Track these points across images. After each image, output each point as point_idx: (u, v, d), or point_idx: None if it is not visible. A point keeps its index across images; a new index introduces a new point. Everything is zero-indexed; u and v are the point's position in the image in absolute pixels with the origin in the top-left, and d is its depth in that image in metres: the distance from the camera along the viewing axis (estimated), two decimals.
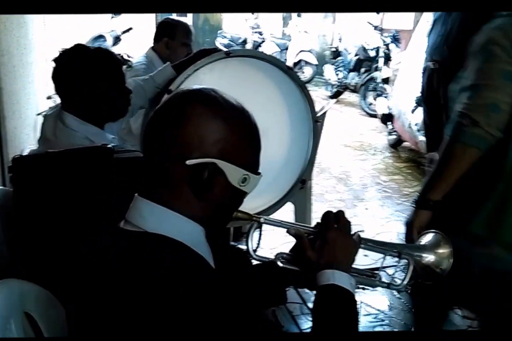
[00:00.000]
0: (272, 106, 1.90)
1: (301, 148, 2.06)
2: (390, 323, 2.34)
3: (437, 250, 1.03)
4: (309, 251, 0.91)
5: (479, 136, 1.29)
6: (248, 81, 1.79)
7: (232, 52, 1.65)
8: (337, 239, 0.91)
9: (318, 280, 0.88)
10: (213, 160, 0.75)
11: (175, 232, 0.75)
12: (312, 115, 1.92)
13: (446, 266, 1.02)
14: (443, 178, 1.38)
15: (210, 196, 0.77)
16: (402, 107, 4.52)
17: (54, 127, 1.45)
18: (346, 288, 0.87)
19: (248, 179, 0.79)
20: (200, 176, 0.75)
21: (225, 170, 0.76)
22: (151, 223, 0.76)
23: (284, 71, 1.78)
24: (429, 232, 1.08)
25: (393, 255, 1.00)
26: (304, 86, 1.83)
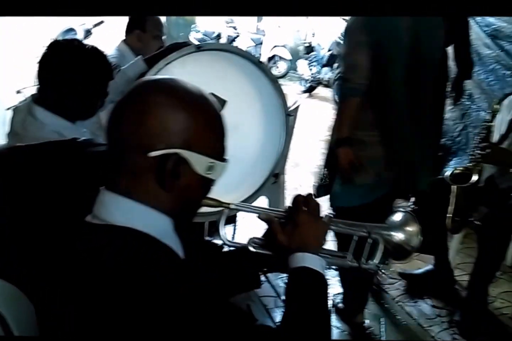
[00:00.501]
0: (244, 100, 1.90)
1: (274, 142, 2.07)
2: None
3: (406, 228, 1.06)
4: (280, 235, 0.92)
5: (352, 88, 1.89)
6: (220, 75, 1.79)
7: (203, 46, 1.64)
8: (306, 222, 0.93)
9: (290, 263, 0.90)
10: (177, 151, 0.74)
11: (141, 224, 0.75)
12: (284, 109, 1.93)
13: (415, 243, 1.06)
14: (342, 122, 1.97)
15: (176, 185, 0.76)
16: None
17: (24, 121, 1.42)
18: (316, 269, 0.89)
19: (214, 166, 0.79)
20: (164, 167, 0.74)
21: (190, 159, 0.76)
22: (117, 216, 0.75)
23: (256, 65, 1.78)
24: (398, 211, 1.11)
25: (363, 235, 1.02)
26: (276, 80, 1.84)
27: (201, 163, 0.78)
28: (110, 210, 0.76)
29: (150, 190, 0.76)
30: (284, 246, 0.92)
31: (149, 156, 0.73)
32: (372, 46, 1.82)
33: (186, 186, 0.77)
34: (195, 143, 0.76)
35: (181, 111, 0.75)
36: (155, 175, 0.75)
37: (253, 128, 2.00)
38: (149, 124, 0.74)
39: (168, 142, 0.74)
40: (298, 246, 0.91)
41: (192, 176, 0.77)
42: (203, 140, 0.78)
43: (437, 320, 2.36)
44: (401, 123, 1.92)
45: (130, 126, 0.74)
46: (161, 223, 0.78)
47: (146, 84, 0.79)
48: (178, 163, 0.75)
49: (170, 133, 0.74)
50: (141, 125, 0.74)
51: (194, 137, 0.76)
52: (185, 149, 0.75)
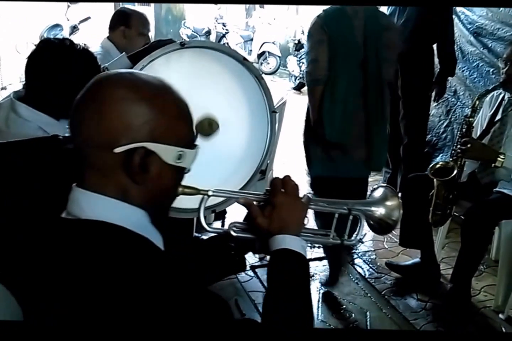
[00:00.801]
0: (230, 97, 1.90)
1: (260, 139, 2.08)
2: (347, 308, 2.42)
3: (386, 203, 1.08)
4: (259, 218, 0.93)
5: (314, 79, 2.27)
6: (205, 72, 1.79)
7: (186, 43, 1.64)
8: (284, 203, 0.93)
9: (270, 245, 0.91)
10: (142, 144, 0.74)
11: (114, 217, 0.75)
12: (269, 106, 1.94)
13: (396, 217, 1.07)
14: (312, 107, 2.33)
15: (147, 178, 0.76)
16: None
17: (7, 118, 1.43)
18: (297, 251, 0.90)
19: (184, 154, 0.79)
20: (131, 162, 0.74)
21: (157, 151, 0.75)
22: (88, 211, 0.75)
23: (240, 62, 1.79)
24: (378, 186, 1.13)
25: (343, 212, 1.04)
26: (261, 77, 1.85)
27: (170, 153, 0.77)
28: (81, 206, 0.76)
29: (121, 185, 0.76)
30: (264, 228, 0.93)
31: (115, 153, 0.73)
32: (330, 43, 2.19)
33: (157, 177, 0.77)
34: (160, 134, 0.76)
35: (142, 104, 0.74)
36: (124, 170, 0.75)
37: (239, 125, 2.01)
38: (110, 120, 0.73)
39: (133, 137, 0.73)
40: (278, 228, 0.92)
41: (162, 167, 0.77)
42: (168, 131, 0.77)
43: (422, 313, 2.39)
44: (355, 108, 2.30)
45: (91, 124, 0.74)
46: (135, 216, 0.78)
47: (103, 79, 0.78)
48: (145, 157, 0.74)
49: (133, 128, 0.73)
50: (102, 122, 0.73)
51: (159, 128, 0.75)
52: (150, 141, 0.74)
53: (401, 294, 2.54)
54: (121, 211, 0.76)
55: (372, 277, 2.71)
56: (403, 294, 2.54)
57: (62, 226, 0.77)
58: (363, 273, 2.74)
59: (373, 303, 2.46)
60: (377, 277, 2.70)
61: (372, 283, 2.64)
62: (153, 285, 0.69)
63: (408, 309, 2.43)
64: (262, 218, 0.93)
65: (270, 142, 2.08)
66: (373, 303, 2.46)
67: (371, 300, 2.49)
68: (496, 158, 2.13)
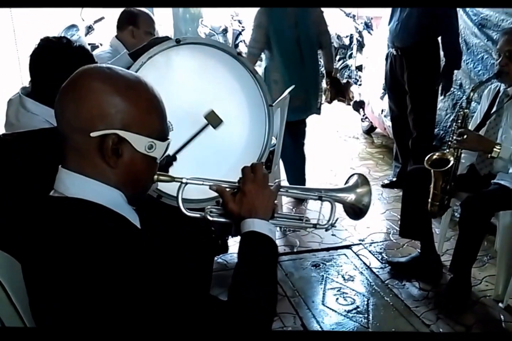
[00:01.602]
0: (227, 91, 1.97)
1: (259, 132, 2.15)
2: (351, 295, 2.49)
3: (357, 190, 1.15)
4: (231, 203, 1.01)
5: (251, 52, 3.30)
6: (202, 68, 1.87)
7: (182, 39, 1.72)
8: (253, 190, 1.01)
9: (241, 228, 0.99)
10: (115, 131, 0.84)
11: (93, 196, 0.85)
12: (265, 99, 2.00)
13: (366, 202, 1.14)
14: None
15: (120, 162, 0.86)
16: (371, 94, 4.63)
17: (17, 112, 1.54)
18: (264, 233, 0.97)
19: (154, 145, 0.88)
20: (105, 146, 0.83)
21: (129, 139, 0.85)
22: (71, 189, 0.85)
23: (235, 58, 1.86)
24: (353, 174, 1.20)
25: (314, 198, 1.12)
26: (255, 71, 1.92)
27: (141, 143, 0.87)
28: (65, 184, 0.87)
29: (97, 167, 0.86)
30: (235, 213, 1.01)
31: (91, 137, 0.83)
32: (266, 28, 3.18)
33: (129, 162, 0.87)
34: (131, 124, 0.85)
35: (116, 95, 0.84)
36: (99, 153, 0.85)
37: (238, 119, 2.07)
38: (87, 107, 0.83)
39: (107, 124, 0.84)
40: (247, 212, 1.00)
41: (134, 154, 0.87)
42: (139, 122, 0.86)
43: (424, 302, 2.44)
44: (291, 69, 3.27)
45: (71, 111, 0.84)
46: (112, 195, 0.88)
47: (83, 72, 0.88)
48: (118, 143, 0.84)
49: (108, 116, 0.83)
50: (80, 109, 0.83)
51: (130, 119, 0.85)
52: (123, 130, 0.84)
53: (403, 284, 2.59)
54: (99, 190, 0.86)
55: (376, 267, 2.76)
56: (405, 284, 2.59)
57: (49, 203, 0.87)
58: (368, 263, 2.80)
59: (376, 291, 2.52)
60: (381, 267, 2.75)
61: (376, 273, 2.69)
62: (126, 255, 0.78)
63: (410, 297, 2.48)
64: (233, 204, 1.01)
65: (269, 135, 2.16)
66: (376, 291, 2.52)
67: (374, 288, 2.55)
68: (492, 149, 2.14)
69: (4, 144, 1.25)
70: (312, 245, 2.98)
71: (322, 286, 2.56)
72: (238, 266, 0.96)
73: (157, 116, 0.91)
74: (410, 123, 3.53)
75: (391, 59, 3.49)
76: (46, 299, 0.80)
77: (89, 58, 1.59)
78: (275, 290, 0.96)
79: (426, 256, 2.60)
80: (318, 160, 4.49)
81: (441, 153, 2.28)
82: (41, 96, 1.53)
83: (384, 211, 3.49)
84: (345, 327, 2.25)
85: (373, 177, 4.11)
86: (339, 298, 2.46)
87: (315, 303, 2.42)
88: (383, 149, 4.89)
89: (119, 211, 0.87)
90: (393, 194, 3.76)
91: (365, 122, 5.21)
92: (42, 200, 0.88)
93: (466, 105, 2.23)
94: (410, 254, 2.77)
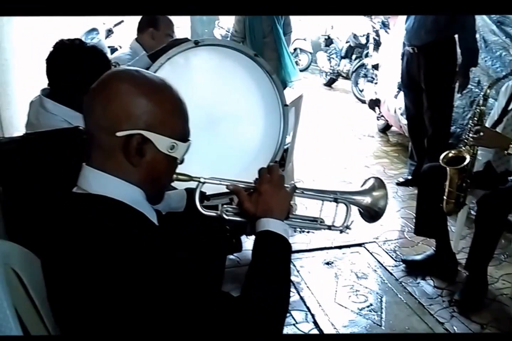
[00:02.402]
0: (244, 92, 2.00)
1: (274, 132, 2.18)
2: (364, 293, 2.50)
3: (373, 193, 1.17)
4: (246, 203, 1.04)
5: (234, 39, 4.14)
6: (220, 69, 1.90)
7: (200, 41, 1.76)
8: (269, 191, 1.03)
9: (256, 227, 1.01)
10: (140, 132, 0.87)
11: (115, 193, 0.89)
12: (281, 99, 2.03)
13: (382, 205, 1.16)
14: None
15: (142, 161, 0.90)
16: (387, 93, 4.62)
17: (37, 113, 1.60)
18: (279, 233, 0.99)
19: (176, 146, 0.92)
20: (129, 145, 0.87)
21: (153, 139, 0.89)
22: (94, 186, 0.90)
23: (252, 59, 1.89)
24: (370, 177, 1.21)
25: (329, 200, 1.13)
26: (272, 72, 1.95)
27: (164, 143, 0.91)
28: (88, 182, 0.91)
29: (120, 165, 0.90)
30: (251, 212, 1.04)
31: (117, 136, 0.87)
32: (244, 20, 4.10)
33: (151, 162, 0.91)
34: (156, 125, 0.89)
35: (142, 97, 0.88)
36: (123, 152, 0.88)
37: (254, 119, 2.11)
38: (114, 109, 0.87)
39: (132, 124, 0.87)
40: (262, 212, 1.02)
41: (156, 154, 0.91)
42: (163, 123, 0.90)
43: (438, 300, 2.45)
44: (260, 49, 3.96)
45: (100, 111, 0.88)
46: (132, 193, 0.92)
47: (112, 75, 0.92)
48: (142, 143, 0.88)
49: (133, 117, 0.87)
50: (109, 109, 0.87)
51: (155, 120, 0.89)
52: (147, 130, 0.88)
53: (417, 282, 2.60)
54: (121, 187, 0.90)
55: (390, 265, 2.77)
56: (419, 282, 2.60)
57: (72, 199, 0.91)
58: (381, 261, 2.81)
59: (390, 289, 2.53)
60: (395, 265, 2.76)
61: (389, 271, 2.70)
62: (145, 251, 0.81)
63: (424, 295, 2.48)
64: (249, 203, 1.04)
65: (284, 135, 2.19)
66: (389, 289, 2.53)
67: (387, 286, 2.56)
68: (509, 145, 2.14)
69: (28, 143, 1.31)
70: (325, 242, 2.99)
71: (335, 284, 2.58)
72: (252, 264, 0.97)
73: (180, 118, 0.95)
74: (426, 121, 3.53)
75: (407, 57, 3.49)
76: (66, 295, 0.83)
77: (102, 58, 1.63)
78: (288, 289, 0.98)
79: (442, 254, 2.61)
80: (332, 159, 4.50)
81: (457, 151, 2.27)
82: (59, 97, 1.58)
83: (399, 209, 3.50)
84: (357, 324, 2.27)
85: (388, 175, 4.11)
86: (351, 296, 2.48)
87: (328, 301, 2.43)
88: (398, 147, 4.87)
89: (139, 208, 0.91)
90: (408, 192, 3.76)
91: (381, 121, 5.20)
92: (65, 196, 0.92)
93: (482, 102, 2.23)
94: (425, 252, 2.78)
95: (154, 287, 0.79)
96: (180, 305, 0.80)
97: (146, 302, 0.78)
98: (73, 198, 0.91)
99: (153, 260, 0.81)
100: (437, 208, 2.40)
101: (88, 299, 0.79)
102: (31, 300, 1.08)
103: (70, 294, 0.81)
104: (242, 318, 0.85)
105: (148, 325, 0.78)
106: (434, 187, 2.42)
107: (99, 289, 0.78)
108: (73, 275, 0.81)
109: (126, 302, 0.77)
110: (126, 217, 0.88)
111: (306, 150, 4.45)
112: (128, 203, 0.89)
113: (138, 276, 0.78)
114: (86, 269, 0.79)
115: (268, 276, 0.94)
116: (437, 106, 3.43)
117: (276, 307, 0.92)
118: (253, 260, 0.98)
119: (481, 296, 2.39)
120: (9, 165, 1.28)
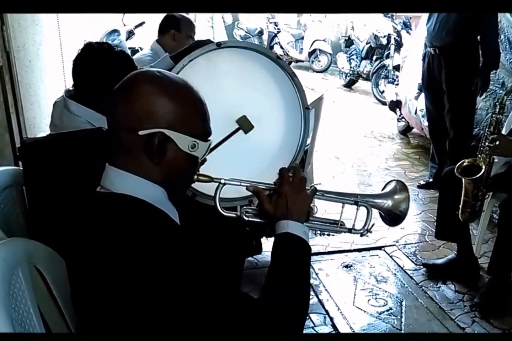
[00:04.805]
0: (266, 94, 1.99)
1: (294, 134, 2.18)
2: (383, 297, 2.48)
3: (394, 196, 1.15)
4: (266, 204, 1.04)
5: None
6: (242, 71, 1.90)
7: (222, 43, 1.76)
8: (289, 193, 1.02)
9: (275, 229, 1.01)
10: (161, 130, 0.88)
11: (138, 192, 0.90)
12: (302, 102, 2.03)
13: (404, 208, 1.14)
14: None
15: (164, 160, 0.90)
16: (408, 94, 4.58)
17: (61, 114, 1.62)
18: (298, 235, 0.99)
19: (197, 145, 0.93)
20: (151, 144, 0.88)
21: (174, 138, 0.90)
22: (117, 186, 0.91)
23: (274, 61, 1.89)
24: (391, 180, 1.19)
25: (350, 203, 1.12)
26: (294, 74, 1.93)
27: (185, 142, 0.91)
28: (111, 181, 0.92)
29: (143, 164, 0.91)
30: (270, 214, 1.03)
31: (139, 135, 0.88)
32: None
33: (173, 160, 0.92)
34: (177, 124, 0.90)
35: (164, 97, 0.89)
36: (145, 151, 0.89)
37: (275, 121, 2.10)
38: (137, 108, 0.88)
39: (154, 123, 0.89)
40: (282, 214, 1.02)
41: (177, 153, 0.92)
42: (185, 123, 0.91)
43: (459, 304, 2.41)
44: None
45: (123, 111, 0.89)
46: (155, 191, 0.92)
47: (135, 75, 0.94)
48: (163, 141, 0.89)
49: (155, 116, 0.89)
50: (132, 109, 0.89)
51: (177, 119, 0.90)
52: (169, 129, 0.89)
53: (438, 286, 2.57)
54: (144, 186, 0.91)
55: (410, 269, 2.74)
56: (440, 286, 2.57)
57: (97, 199, 0.92)
58: (402, 264, 2.78)
59: (410, 293, 2.50)
60: (416, 269, 2.73)
61: (410, 274, 2.67)
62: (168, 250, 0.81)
63: (445, 300, 2.45)
64: (269, 204, 1.04)
65: (304, 137, 2.18)
66: (409, 293, 2.50)
67: (407, 290, 2.53)
68: None
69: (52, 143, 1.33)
70: (344, 245, 2.98)
71: (354, 287, 2.56)
72: (271, 266, 0.97)
73: (200, 117, 0.96)
74: (447, 123, 3.48)
75: (428, 59, 3.45)
76: (90, 294, 0.83)
77: (129, 62, 1.66)
78: (308, 291, 0.98)
79: (463, 258, 2.57)
80: (352, 161, 4.48)
81: (472, 159, 2.22)
82: (84, 98, 1.60)
83: (420, 212, 3.46)
84: (376, 328, 2.25)
85: (409, 178, 4.07)
86: (370, 299, 2.46)
87: (346, 304, 2.42)
88: (419, 149, 4.83)
89: (161, 207, 0.91)
90: (429, 195, 3.71)
91: (402, 122, 5.15)
92: (89, 195, 0.93)
93: (499, 110, 2.18)
94: (446, 255, 2.74)
95: (176, 289, 0.79)
96: (202, 305, 0.80)
97: (168, 302, 0.78)
98: (97, 198, 0.92)
99: (177, 261, 0.81)
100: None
101: (111, 298, 0.80)
102: (54, 298, 1.09)
103: (94, 293, 0.82)
104: (262, 320, 0.85)
105: (172, 326, 0.79)
106: (455, 190, 2.38)
107: (122, 288, 0.79)
108: (97, 274, 0.81)
109: (150, 302, 0.78)
110: (150, 216, 0.88)
111: (325, 152, 4.44)
112: (151, 202, 0.90)
113: (162, 277, 0.78)
114: (110, 268, 0.80)
115: (287, 278, 0.94)
116: (458, 108, 3.38)
117: (296, 309, 0.91)
118: (272, 262, 0.98)
119: (503, 301, 2.34)
120: (33, 166, 1.31)
